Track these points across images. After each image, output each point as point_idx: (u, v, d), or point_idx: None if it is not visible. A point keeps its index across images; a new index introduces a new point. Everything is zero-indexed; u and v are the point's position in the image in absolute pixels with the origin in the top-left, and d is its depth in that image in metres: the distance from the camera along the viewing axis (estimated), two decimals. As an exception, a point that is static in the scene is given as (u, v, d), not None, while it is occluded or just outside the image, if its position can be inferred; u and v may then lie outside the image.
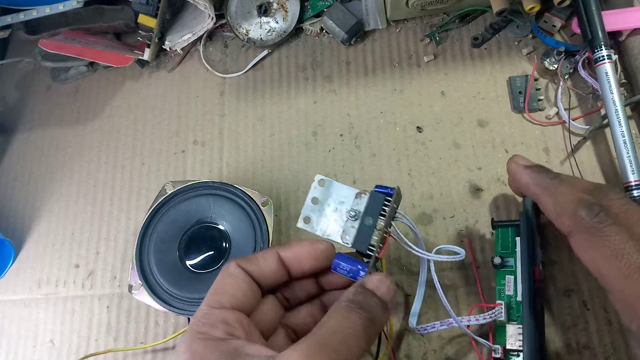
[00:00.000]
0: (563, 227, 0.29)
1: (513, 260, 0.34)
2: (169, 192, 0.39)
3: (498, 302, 0.33)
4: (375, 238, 0.29)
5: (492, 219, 0.36)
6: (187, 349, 0.24)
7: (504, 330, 0.32)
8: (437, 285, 0.31)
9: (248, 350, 0.24)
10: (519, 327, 0.31)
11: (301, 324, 0.30)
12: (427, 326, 0.32)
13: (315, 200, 0.31)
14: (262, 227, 0.36)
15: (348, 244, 0.30)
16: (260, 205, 0.37)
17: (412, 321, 0.33)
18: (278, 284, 0.29)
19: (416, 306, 0.33)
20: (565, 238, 0.29)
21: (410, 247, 0.31)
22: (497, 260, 0.34)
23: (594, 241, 0.27)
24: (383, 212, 0.30)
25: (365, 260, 0.29)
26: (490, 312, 0.32)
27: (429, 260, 0.31)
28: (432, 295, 0.35)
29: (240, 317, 0.26)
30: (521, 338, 0.31)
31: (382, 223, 0.30)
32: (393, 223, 0.31)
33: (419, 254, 0.31)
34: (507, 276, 0.34)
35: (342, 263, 0.29)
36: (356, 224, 0.30)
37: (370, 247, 0.29)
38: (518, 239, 0.34)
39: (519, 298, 0.32)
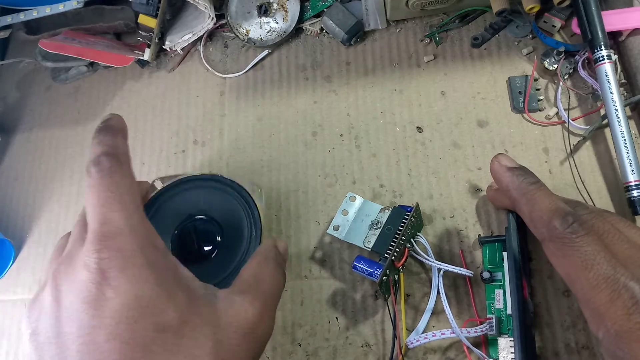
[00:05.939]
0: (537, 234, 0.30)
1: (501, 274, 0.34)
2: (158, 188, 0.38)
3: (489, 316, 0.33)
4: (393, 243, 0.33)
5: (479, 235, 0.36)
6: None
7: (496, 343, 0.32)
8: (443, 296, 0.33)
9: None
10: (510, 340, 0.32)
11: None
12: (420, 337, 0.33)
13: (344, 212, 0.36)
14: (255, 214, 0.35)
15: (369, 248, 0.34)
16: (250, 194, 0.36)
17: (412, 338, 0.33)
18: None
19: (423, 323, 0.35)
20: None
21: (426, 258, 0.35)
22: (486, 275, 0.34)
23: (565, 250, 0.27)
24: (403, 223, 0.34)
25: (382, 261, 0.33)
26: (482, 326, 0.33)
27: (439, 270, 0.34)
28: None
29: None
30: (513, 351, 0.31)
31: (400, 231, 0.34)
32: (413, 242, 0.35)
33: (431, 263, 0.35)
34: (496, 290, 0.34)
35: (361, 262, 0.33)
36: (377, 231, 0.34)
37: (388, 250, 0.33)
38: (505, 253, 0.34)
39: (509, 311, 0.33)
